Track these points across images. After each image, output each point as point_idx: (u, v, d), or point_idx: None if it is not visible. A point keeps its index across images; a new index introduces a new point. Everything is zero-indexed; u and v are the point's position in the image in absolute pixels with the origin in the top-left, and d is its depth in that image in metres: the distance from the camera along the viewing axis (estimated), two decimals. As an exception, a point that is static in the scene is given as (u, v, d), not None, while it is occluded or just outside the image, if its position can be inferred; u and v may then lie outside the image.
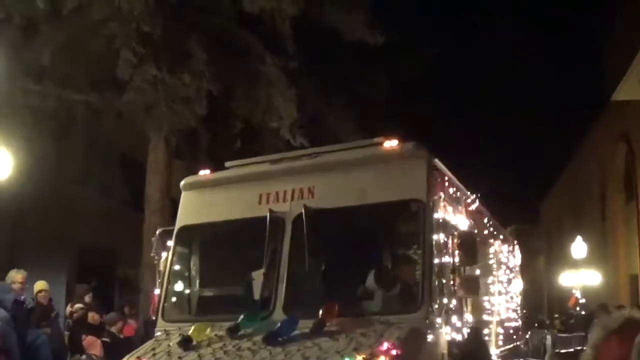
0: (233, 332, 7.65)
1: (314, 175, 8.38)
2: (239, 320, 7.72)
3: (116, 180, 26.16)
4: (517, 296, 15.55)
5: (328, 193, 8.21)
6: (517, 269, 16.14)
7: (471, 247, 7.99)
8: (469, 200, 9.77)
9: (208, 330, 7.92)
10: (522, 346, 15.47)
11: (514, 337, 14.24)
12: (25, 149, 16.50)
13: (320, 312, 7.35)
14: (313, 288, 8.13)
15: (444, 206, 8.14)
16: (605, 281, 31.11)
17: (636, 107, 24.51)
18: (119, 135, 21.80)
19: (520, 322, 15.60)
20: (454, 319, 8.04)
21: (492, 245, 12.00)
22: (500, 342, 11.56)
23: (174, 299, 9.02)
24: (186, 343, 7.63)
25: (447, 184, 8.44)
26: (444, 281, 7.79)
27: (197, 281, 9.25)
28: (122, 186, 26.09)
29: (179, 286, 9.17)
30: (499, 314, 11.89)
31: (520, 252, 16.83)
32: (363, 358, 6.59)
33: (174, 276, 9.10)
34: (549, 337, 27.22)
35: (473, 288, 7.87)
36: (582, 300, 29.52)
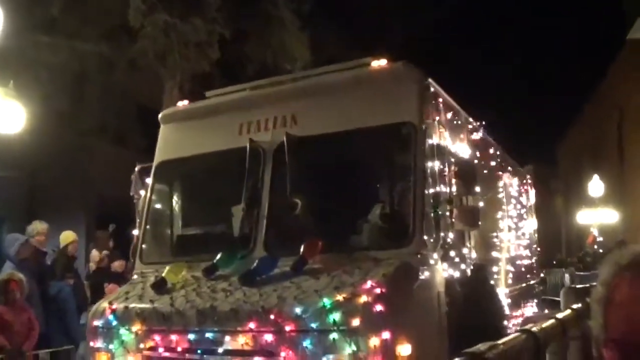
0: (209, 272, 6.76)
1: (297, 101, 7.34)
2: (216, 259, 6.74)
3: (132, 129, 25.35)
4: (531, 234, 14.36)
5: (312, 119, 7.17)
6: (531, 206, 14.90)
7: (470, 175, 6.90)
8: (471, 127, 8.58)
9: (184, 271, 6.94)
10: (536, 285, 14.27)
11: (527, 275, 13.09)
12: (39, 102, 15.69)
13: (302, 248, 6.32)
14: (296, 223, 7.08)
15: (440, 131, 7.03)
16: (622, 220, 30.13)
17: None
18: (133, 85, 20.99)
19: (534, 261, 14.37)
20: (452, 254, 6.93)
21: (501, 178, 10.82)
22: (510, 281, 10.41)
23: (152, 240, 8.04)
24: (160, 286, 6.81)
25: (443, 107, 7.30)
26: (440, 213, 6.70)
27: (177, 220, 8.29)
28: (138, 135, 25.32)
29: (157, 226, 8.22)
30: (508, 251, 10.75)
31: (538, 191, 15.64)
32: (343, 298, 5.59)
33: (153, 215, 8.16)
34: (567, 275, 26.32)
35: (472, 220, 6.77)
36: (600, 239, 28.53)
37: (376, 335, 5.40)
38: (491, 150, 10.17)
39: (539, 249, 15.96)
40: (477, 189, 7.97)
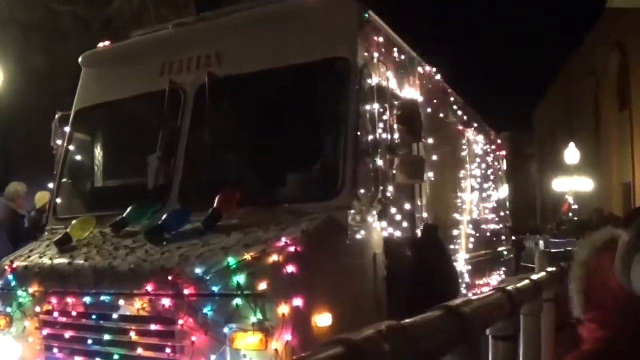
0: (117, 228, 5.79)
1: (223, 38, 6.26)
2: (125, 213, 5.65)
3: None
4: (501, 199, 13.27)
5: (238, 57, 6.07)
6: (503, 171, 13.82)
7: (416, 121, 5.80)
8: (423, 71, 7.43)
9: (92, 227, 5.84)
10: (505, 252, 13.15)
11: (495, 241, 11.96)
12: (14, 62, 15.44)
13: (215, 201, 5.24)
14: (216, 173, 5.98)
15: (381, 70, 5.91)
16: (597, 188, 29.45)
17: (631, 15, 22.77)
18: (109, 45, 20.13)
19: (503, 227, 13.22)
20: (394, 211, 5.85)
21: (463, 133, 9.71)
22: (472, 246, 9.31)
23: (67, 193, 6.94)
24: (63, 242, 5.87)
25: (386, 43, 6.20)
26: (378, 162, 5.60)
27: (94, 171, 7.21)
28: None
29: (74, 178, 7.11)
30: (470, 213, 9.65)
31: (513, 157, 14.54)
32: (251, 257, 4.52)
33: (70, 167, 7.05)
34: (541, 242, 25.59)
35: (416, 172, 5.71)
36: (575, 206, 27.83)
37: (286, 302, 4.36)
38: (451, 100, 9.00)
39: (508, 214, 14.90)
40: (428, 138, 6.91)
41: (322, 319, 4.54)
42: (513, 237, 14.14)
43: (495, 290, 3.63)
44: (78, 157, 7.15)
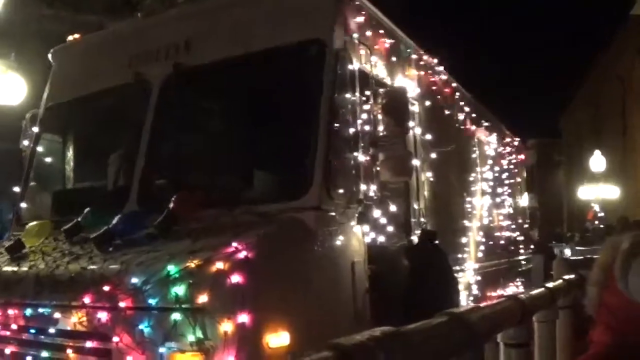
0: (71, 233, 4.96)
1: (191, 26, 5.54)
2: (80, 218, 4.90)
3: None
4: (519, 206, 12.27)
5: (208, 45, 5.36)
6: (520, 173, 12.82)
7: (401, 110, 4.96)
8: (419, 59, 6.57)
9: (47, 232, 5.12)
10: (523, 262, 12.09)
11: (510, 249, 10.97)
12: (41, 75, 15.06)
13: (171, 203, 4.47)
14: (178, 173, 5.21)
15: (364, 54, 5.07)
16: (624, 195, 28.16)
17: None
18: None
19: (520, 235, 12.15)
20: (379, 213, 5.01)
21: (472, 133, 8.80)
22: (481, 255, 8.38)
23: (33, 197, 6.22)
24: (14, 249, 5.21)
25: (371, 25, 5.39)
26: (359, 158, 4.78)
27: (62, 173, 6.44)
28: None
29: (40, 181, 6.41)
30: (481, 220, 8.73)
31: (540, 165, 13.64)
32: (195, 265, 3.70)
33: (37, 169, 6.37)
34: (567, 250, 24.50)
35: (401, 169, 4.86)
36: (601, 214, 26.66)
37: (229, 318, 3.54)
38: (458, 95, 8.10)
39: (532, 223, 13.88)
40: (426, 134, 6.07)
41: (277, 339, 3.73)
42: (532, 246, 13.02)
43: (507, 298, 3.53)
44: (45, 159, 6.47)
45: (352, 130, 4.83)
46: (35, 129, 6.41)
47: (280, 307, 3.87)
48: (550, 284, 5.46)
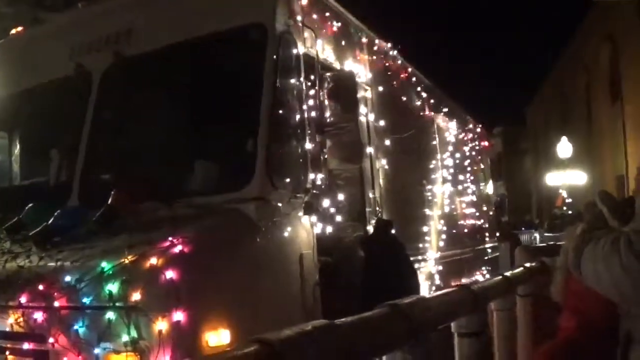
0: (12, 230, 4.70)
1: (132, 13, 5.33)
2: (22, 215, 4.69)
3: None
4: (482, 194, 12.20)
5: (149, 32, 5.16)
6: (484, 160, 12.74)
7: (349, 95, 4.78)
8: (370, 43, 6.41)
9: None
10: (489, 250, 12.02)
11: (475, 238, 10.88)
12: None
13: (110, 197, 4.27)
14: (119, 166, 5.00)
15: (310, 38, 4.90)
16: (591, 181, 28.40)
17: (620, 8, 22.15)
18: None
19: (484, 223, 12.06)
20: (328, 203, 4.84)
21: (430, 120, 8.67)
22: (443, 244, 8.26)
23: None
24: None
25: (318, 8, 5.19)
26: (306, 145, 4.61)
27: (9, 169, 6.18)
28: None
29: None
30: (442, 208, 8.61)
31: (508, 153, 13.50)
32: (129, 260, 3.50)
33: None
34: (537, 236, 24.73)
35: (351, 155, 4.69)
36: (569, 200, 26.89)
37: (164, 316, 3.35)
38: (414, 81, 7.96)
39: (497, 211, 13.84)
40: (379, 120, 5.92)
41: (217, 337, 3.55)
42: (497, 234, 12.96)
43: (457, 288, 3.48)
44: (-9, 157, 6.20)
45: (297, 116, 4.66)
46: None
47: (220, 304, 3.69)
48: (508, 272, 5.33)
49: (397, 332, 2.29)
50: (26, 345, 3.91)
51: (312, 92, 4.81)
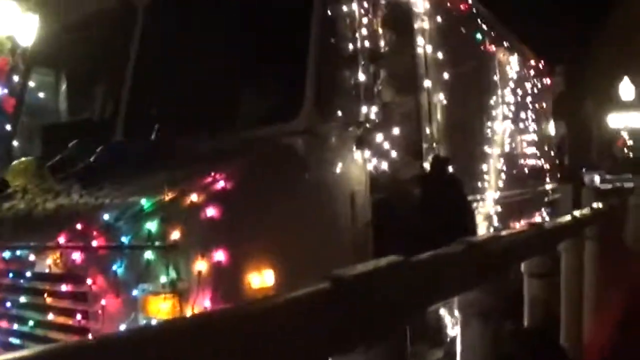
0: (56, 169, 4.47)
1: None
2: (65, 152, 4.46)
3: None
4: (545, 134, 11.54)
5: None
6: (546, 98, 12.04)
7: (405, 23, 4.34)
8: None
9: (31, 169, 4.70)
10: (550, 191, 11.41)
11: (536, 178, 10.30)
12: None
13: (153, 134, 3.99)
14: (165, 101, 4.69)
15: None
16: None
17: None
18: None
19: (548, 164, 11.44)
20: (381, 137, 4.45)
21: (492, 53, 8.10)
22: (502, 184, 7.77)
23: (24, 134, 5.78)
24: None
25: None
26: (359, 76, 4.21)
27: (55, 107, 5.97)
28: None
29: (32, 117, 5.91)
30: (502, 146, 8.10)
31: (569, 93, 12.81)
32: (170, 197, 3.22)
33: (29, 104, 5.83)
34: (597, 177, 23.78)
35: (407, 86, 4.26)
36: (630, 142, 25.76)
37: (203, 256, 3.06)
38: (474, 12, 7.38)
39: (559, 153, 13.18)
40: (437, 52, 5.46)
41: (260, 278, 3.25)
42: (559, 175, 12.34)
43: (529, 226, 3.40)
44: (38, 94, 6.00)
45: (349, 45, 4.25)
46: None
47: (264, 243, 3.39)
48: (577, 212, 5.30)
49: (472, 268, 2.20)
50: (64, 287, 3.70)
51: (365, 20, 4.38)
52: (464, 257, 2.11)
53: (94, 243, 3.52)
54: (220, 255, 3.11)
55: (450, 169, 5.40)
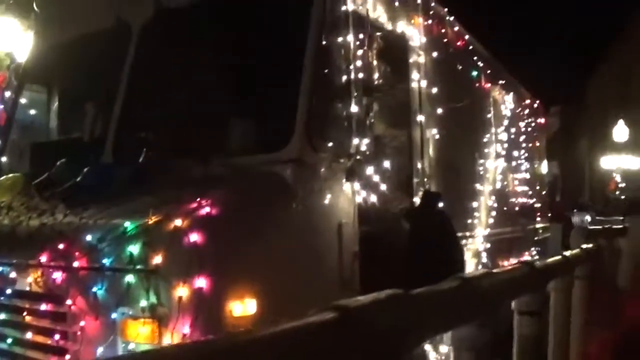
0: (43, 187, 4.42)
1: None
2: (53, 170, 4.42)
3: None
4: (537, 173, 11.57)
5: None
6: (539, 137, 12.09)
7: (401, 57, 4.34)
8: (427, 7, 5.91)
9: (18, 186, 4.66)
10: (540, 230, 11.41)
11: (526, 217, 10.28)
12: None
13: (142, 157, 3.96)
14: (156, 123, 4.66)
15: (363, -4, 4.46)
16: (647, 166, 27.15)
17: None
18: None
19: (539, 203, 11.45)
20: (372, 170, 4.43)
21: (487, 90, 8.13)
22: (493, 221, 7.75)
23: (13, 152, 5.72)
24: None
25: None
26: (351, 108, 4.20)
27: (46, 124, 5.94)
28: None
29: (22, 134, 5.87)
30: (493, 183, 8.10)
31: (564, 133, 12.87)
32: (154, 221, 3.17)
33: (20, 121, 5.81)
34: (587, 218, 23.72)
35: (400, 120, 4.26)
36: (622, 185, 25.85)
37: (185, 282, 3.01)
38: (470, 49, 7.42)
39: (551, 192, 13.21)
40: (432, 88, 5.47)
41: (242, 307, 3.20)
42: (549, 215, 12.35)
43: (521, 264, 3.38)
44: (28, 110, 5.97)
45: (343, 76, 4.26)
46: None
47: (248, 272, 3.34)
48: (567, 252, 5.30)
49: (467, 305, 2.23)
50: (44, 306, 3.65)
51: (360, 52, 4.39)
52: (459, 292, 2.15)
53: (76, 263, 3.47)
54: (201, 282, 3.06)
55: (441, 204, 5.37)
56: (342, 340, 1.36)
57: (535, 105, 11.77)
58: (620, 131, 27.42)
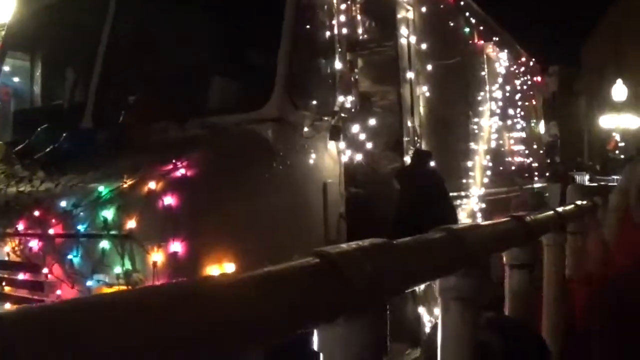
0: (23, 154, 4.26)
1: None
2: (32, 138, 4.26)
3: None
4: (533, 132, 11.36)
5: None
6: (537, 96, 11.85)
7: (387, 12, 4.16)
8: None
9: (1, 153, 4.55)
10: (539, 191, 11.19)
11: (524, 176, 10.10)
12: None
13: (121, 118, 3.80)
14: (135, 85, 4.50)
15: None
16: (646, 124, 26.94)
17: None
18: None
19: (537, 162, 11.23)
20: (357, 128, 4.27)
21: (480, 48, 7.91)
22: (488, 180, 7.59)
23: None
24: None
25: None
26: (335, 64, 4.02)
27: (29, 92, 5.75)
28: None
29: (9, 100, 5.72)
30: (488, 142, 7.92)
31: (562, 93, 12.56)
32: (128, 184, 3.03)
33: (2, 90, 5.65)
34: (586, 178, 23.66)
35: (386, 76, 4.09)
36: (621, 144, 25.65)
37: (159, 247, 2.87)
38: (462, 5, 7.18)
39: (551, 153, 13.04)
40: (421, 44, 5.28)
41: (220, 271, 3.07)
42: (547, 175, 12.18)
43: (510, 218, 3.28)
44: (13, 78, 5.79)
45: (325, 32, 4.07)
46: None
47: (226, 235, 3.21)
48: (559, 208, 5.20)
49: (452, 255, 2.19)
50: (22, 276, 3.52)
51: (343, 6, 4.19)
52: (444, 242, 2.10)
53: (51, 231, 3.34)
54: (177, 246, 2.93)
55: (432, 163, 5.22)
56: (323, 286, 1.34)
57: (531, 64, 11.53)
58: (619, 90, 27.08)
